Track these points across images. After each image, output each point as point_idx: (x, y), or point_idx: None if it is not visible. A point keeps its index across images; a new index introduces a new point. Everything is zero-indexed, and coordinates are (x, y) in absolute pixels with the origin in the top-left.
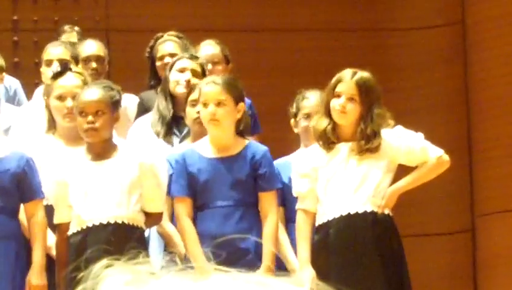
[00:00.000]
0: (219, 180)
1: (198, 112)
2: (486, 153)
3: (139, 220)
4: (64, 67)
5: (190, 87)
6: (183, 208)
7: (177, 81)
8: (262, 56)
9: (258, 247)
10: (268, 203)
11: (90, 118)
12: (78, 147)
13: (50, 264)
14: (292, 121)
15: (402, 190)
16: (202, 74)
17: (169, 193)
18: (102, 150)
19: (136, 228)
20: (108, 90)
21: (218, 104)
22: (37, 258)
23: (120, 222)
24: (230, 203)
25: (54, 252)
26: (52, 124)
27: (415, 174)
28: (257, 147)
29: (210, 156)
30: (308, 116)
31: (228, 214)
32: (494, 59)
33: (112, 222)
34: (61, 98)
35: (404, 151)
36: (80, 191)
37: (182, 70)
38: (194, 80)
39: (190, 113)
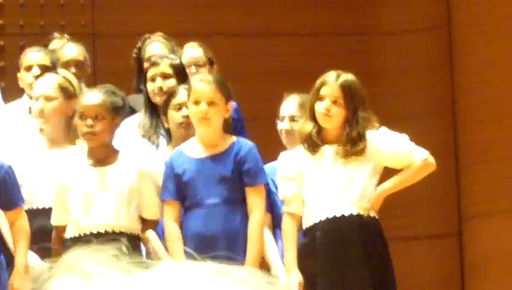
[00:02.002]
0: (205, 179)
1: (183, 116)
2: (473, 157)
3: (136, 228)
4: (44, 70)
5: (169, 92)
6: (170, 212)
7: (152, 91)
8: (248, 61)
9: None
10: (254, 198)
11: (89, 121)
12: (61, 149)
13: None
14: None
15: (388, 192)
16: (176, 72)
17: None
18: (102, 155)
19: (133, 236)
20: (109, 95)
21: (210, 103)
22: (20, 262)
23: (118, 231)
24: (217, 200)
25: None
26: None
27: (401, 176)
28: (243, 143)
29: (197, 156)
30: (283, 118)
31: (216, 212)
32: (481, 63)
33: (110, 231)
34: (36, 100)
35: (390, 154)
36: (79, 196)
37: (152, 79)
38: (167, 83)
39: (175, 117)
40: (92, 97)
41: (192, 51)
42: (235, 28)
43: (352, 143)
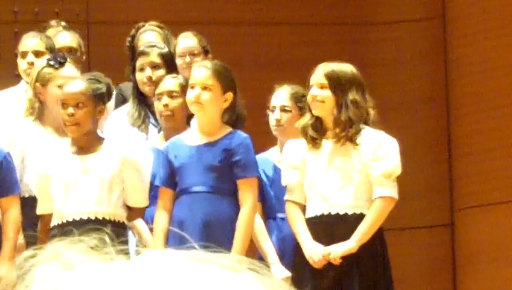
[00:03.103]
0: (193, 166)
1: (164, 105)
2: (466, 147)
3: (121, 216)
4: (38, 56)
5: (159, 82)
6: (160, 199)
7: (141, 81)
8: (242, 50)
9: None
10: (244, 191)
11: (70, 110)
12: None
13: None
14: None
15: (355, 249)
16: (165, 61)
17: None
18: (85, 143)
19: (116, 223)
20: (92, 83)
21: (204, 88)
22: (7, 251)
23: (100, 218)
24: (202, 189)
25: None
26: (40, 111)
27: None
28: (236, 135)
29: (192, 143)
30: (274, 108)
31: (199, 200)
32: (475, 54)
33: (92, 217)
34: (61, 87)
35: (366, 160)
36: (60, 184)
37: (141, 69)
38: (156, 73)
39: (157, 107)
40: (74, 85)
41: (187, 41)
42: (229, 17)
43: (342, 127)
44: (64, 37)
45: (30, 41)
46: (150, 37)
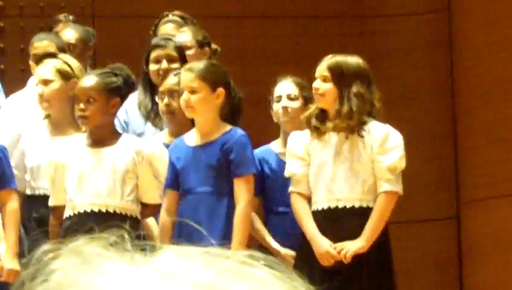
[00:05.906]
0: (193, 167)
1: (164, 105)
2: (472, 140)
3: (133, 210)
4: (43, 55)
5: (163, 77)
6: (165, 202)
7: (155, 72)
8: (246, 43)
9: (228, 236)
10: (238, 189)
11: (81, 105)
12: (65, 136)
13: None
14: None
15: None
16: (180, 56)
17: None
18: (100, 136)
19: (128, 217)
20: (105, 77)
21: (192, 92)
22: (11, 244)
23: (112, 211)
24: (203, 189)
25: None
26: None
27: (371, 224)
28: (233, 133)
29: (192, 144)
30: (280, 97)
31: (201, 200)
32: (480, 46)
33: (104, 210)
34: (37, 85)
35: (373, 153)
36: (74, 175)
37: (157, 60)
38: (172, 66)
39: (160, 106)
40: (86, 80)
41: (181, 35)
42: (233, 10)
43: (343, 119)
44: (66, 34)
45: (40, 44)
46: (168, 28)
